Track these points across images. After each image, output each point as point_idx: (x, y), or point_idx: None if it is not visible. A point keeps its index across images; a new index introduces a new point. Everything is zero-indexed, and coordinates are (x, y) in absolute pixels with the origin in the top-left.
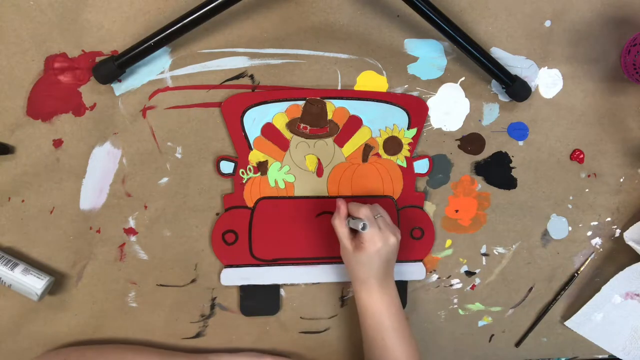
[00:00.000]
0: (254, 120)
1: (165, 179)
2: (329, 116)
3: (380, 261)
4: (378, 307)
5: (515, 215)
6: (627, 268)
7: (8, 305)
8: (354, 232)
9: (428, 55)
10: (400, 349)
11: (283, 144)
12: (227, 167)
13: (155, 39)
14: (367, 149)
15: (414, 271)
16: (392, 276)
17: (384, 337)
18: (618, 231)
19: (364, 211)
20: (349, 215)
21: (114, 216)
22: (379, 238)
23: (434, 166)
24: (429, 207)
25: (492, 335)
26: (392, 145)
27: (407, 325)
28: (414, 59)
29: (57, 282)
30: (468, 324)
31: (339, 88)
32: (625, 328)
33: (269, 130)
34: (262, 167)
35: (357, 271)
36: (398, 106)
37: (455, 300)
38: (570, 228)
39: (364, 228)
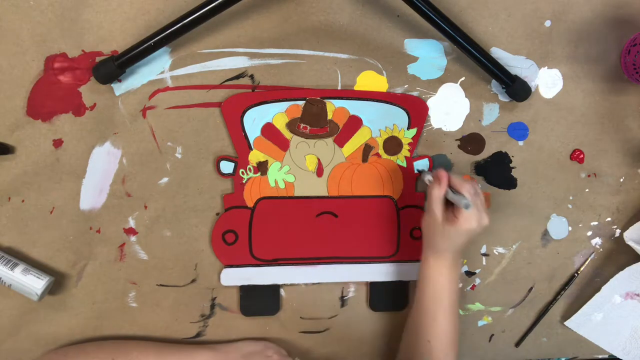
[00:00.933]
0: (254, 120)
1: (165, 179)
2: (329, 116)
3: (467, 239)
4: (443, 280)
5: (515, 215)
6: (627, 268)
7: (8, 305)
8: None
9: (428, 55)
10: (447, 326)
11: (283, 144)
12: (227, 167)
13: (155, 39)
14: (367, 149)
15: (414, 271)
16: (461, 253)
17: (436, 310)
18: (618, 231)
19: (467, 187)
20: (450, 187)
21: (114, 216)
22: (475, 219)
23: (434, 166)
24: None
25: (492, 335)
26: (392, 145)
27: (458, 306)
28: (414, 59)
29: (57, 282)
30: (468, 324)
31: (339, 88)
32: (625, 328)
33: (269, 130)
34: (262, 167)
35: (437, 242)
36: (398, 106)
37: None
38: (570, 228)
39: (467, 207)
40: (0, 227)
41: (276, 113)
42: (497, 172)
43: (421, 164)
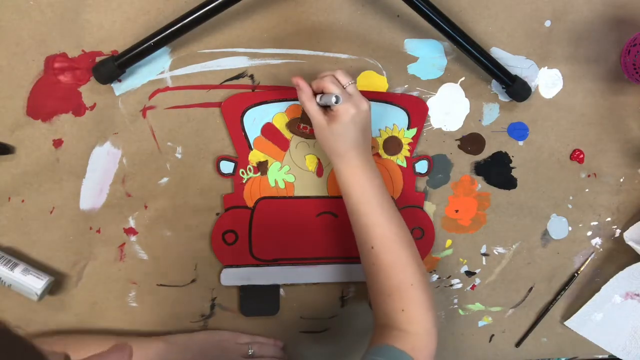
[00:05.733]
0: (254, 120)
1: (165, 179)
2: None
3: (356, 129)
4: (360, 180)
5: (515, 215)
6: (627, 268)
7: (8, 305)
8: (323, 108)
9: (428, 55)
10: (387, 226)
11: (283, 144)
12: (227, 167)
13: (155, 39)
14: None
15: None
16: (370, 149)
17: (367, 212)
18: (618, 231)
19: (328, 84)
20: (316, 93)
21: (114, 216)
22: (351, 105)
23: (434, 166)
24: (429, 207)
25: (492, 335)
26: (392, 145)
27: (392, 201)
28: (414, 59)
29: (57, 282)
30: (468, 324)
31: None
32: (625, 328)
33: (269, 130)
34: (262, 167)
35: (334, 146)
36: (398, 106)
37: (455, 301)
38: (570, 228)
39: (337, 101)
40: (0, 227)
41: (276, 113)
42: (497, 172)
43: (421, 164)
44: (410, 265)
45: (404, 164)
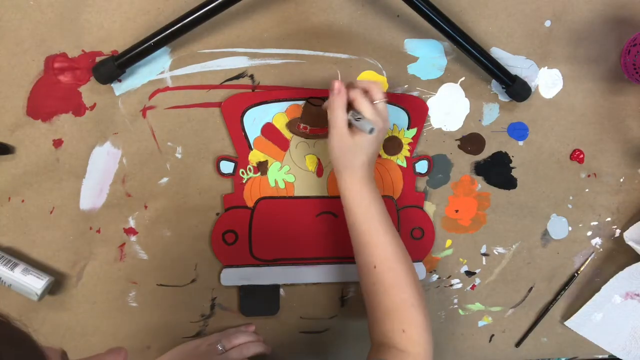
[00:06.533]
0: (254, 120)
1: (165, 179)
2: None
3: (376, 147)
4: (366, 196)
5: (515, 215)
6: (627, 268)
7: (8, 305)
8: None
9: (428, 55)
10: (389, 246)
11: (283, 144)
12: (227, 167)
13: (155, 39)
14: None
15: None
16: (373, 171)
17: (371, 230)
18: (618, 231)
19: (368, 111)
20: (350, 105)
21: (114, 216)
22: (380, 121)
23: (434, 166)
24: (429, 207)
25: (492, 335)
26: (392, 145)
27: (392, 221)
28: (414, 59)
29: (57, 282)
30: (468, 324)
31: None
32: (625, 328)
33: (269, 130)
34: (262, 167)
35: (349, 159)
36: (398, 106)
37: (455, 301)
38: (570, 228)
39: (371, 132)
40: (0, 227)
41: (276, 113)
42: (497, 172)
43: (421, 164)
44: (410, 286)
45: (404, 164)
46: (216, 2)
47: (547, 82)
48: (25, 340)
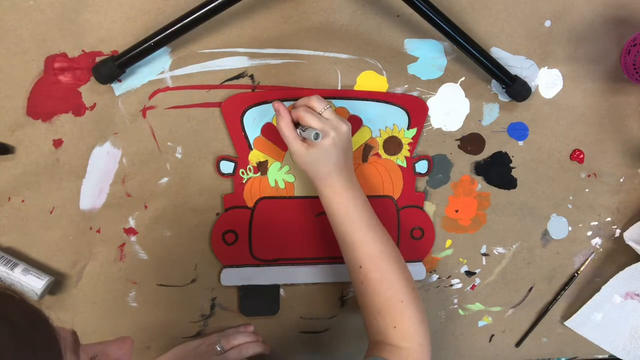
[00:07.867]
0: (254, 120)
1: (165, 179)
2: None
3: (337, 152)
4: (343, 200)
5: (515, 215)
6: (627, 268)
7: None
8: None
9: (428, 55)
10: (372, 244)
11: (283, 144)
12: (227, 167)
13: (155, 39)
14: (367, 149)
15: (414, 271)
16: (352, 170)
17: (352, 231)
18: (618, 231)
19: (308, 118)
20: (296, 123)
21: (114, 216)
22: (330, 129)
23: (434, 166)
24: (429, 207)
25: (492, 335)
26: (392, 145)
27: (377, 219)
28: (414, 59)
29: (57, 282)
30: (468, 324)
31: (339, 88)
32: (625, 328)
33: (269, 130)
34: (262, 167)
35: (315, 170)
36: (398, 106)
37: (455, 301)
38: (570, 228)
39: (317, 138)
40: (0, 227)
41: None
42: (497, 172)
43: (421, 164)
44: (398, 281)
45: (404, 164)
46: (216, 2)
47: (547, 82)
48: (38, 314)
